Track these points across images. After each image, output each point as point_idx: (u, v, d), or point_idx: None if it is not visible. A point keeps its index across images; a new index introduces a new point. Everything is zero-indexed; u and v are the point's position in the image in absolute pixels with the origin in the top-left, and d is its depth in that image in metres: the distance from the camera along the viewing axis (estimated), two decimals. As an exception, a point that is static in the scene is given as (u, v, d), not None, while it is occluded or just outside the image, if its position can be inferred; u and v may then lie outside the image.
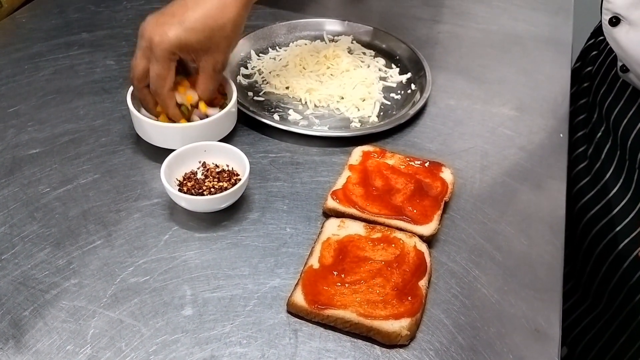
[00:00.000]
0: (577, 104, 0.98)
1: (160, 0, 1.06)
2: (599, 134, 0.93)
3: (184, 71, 0.80)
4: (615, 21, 0.82)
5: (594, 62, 0.96)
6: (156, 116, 0.80)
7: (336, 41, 1.01)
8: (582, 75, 1.01)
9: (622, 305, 0.86)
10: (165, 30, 0.72)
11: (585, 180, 0.93)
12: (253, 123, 0.85)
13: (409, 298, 0.62)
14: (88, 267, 0.66)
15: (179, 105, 0.78)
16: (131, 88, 0.80)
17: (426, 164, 0.77)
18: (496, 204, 0.75)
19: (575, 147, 0.97)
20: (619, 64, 0.86)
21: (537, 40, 1.07)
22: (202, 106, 0.79)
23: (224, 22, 0.73)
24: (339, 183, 0.75)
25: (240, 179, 0.72)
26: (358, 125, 0.86)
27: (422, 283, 0.64)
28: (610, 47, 0.85)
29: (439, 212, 0.71)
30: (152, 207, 0.73)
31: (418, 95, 0.90)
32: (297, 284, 0.64)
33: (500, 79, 0.97)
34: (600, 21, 0.84)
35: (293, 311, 0.62)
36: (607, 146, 0.91)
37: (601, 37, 0.98)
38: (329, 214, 0.72)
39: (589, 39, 1.05)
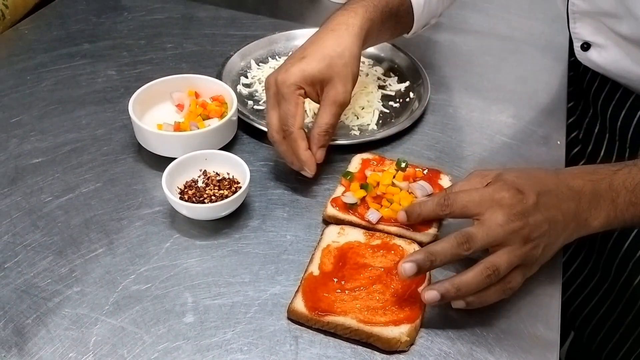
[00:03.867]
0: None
1: (160, 12, 1.08)
2: (587, 118, 0.97)
3: None
4: (586, 47, 0.88)
5: None
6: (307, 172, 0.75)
7: (335, 50, 1.02)
8: (568, 65, 1.03)
9: (627, 282, 0.87)
10: (287, 67, 0.74)
11: (581, 164, 0.98)
12: (253, 131, 0.85)
13: (409, 304, 0.62)
14: (90, 275, 0.66)
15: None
16: (133, 97, 0.81)
17: (425, 172, 0.78)
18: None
19: (568, 133, 0.99)
20: None
21: (534, 48, 1.07)
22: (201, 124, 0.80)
23: (342, 49, 0.74)
24: (339, 191, 0.76)
25: (240, 187, 0.73)
26: (357, 133, 0.87)
27: (422, 289, 0.64)
28: None
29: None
30: (153, 215, 0.73)
31: (416, 103, 0.91)
32: (297, 290, 0.64)
33: (498, 87, 0.98)
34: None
35: (293, 318, 0.63)
36: (597, 129, 0.95)
37: None
38: (328, 221, 0.73)
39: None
